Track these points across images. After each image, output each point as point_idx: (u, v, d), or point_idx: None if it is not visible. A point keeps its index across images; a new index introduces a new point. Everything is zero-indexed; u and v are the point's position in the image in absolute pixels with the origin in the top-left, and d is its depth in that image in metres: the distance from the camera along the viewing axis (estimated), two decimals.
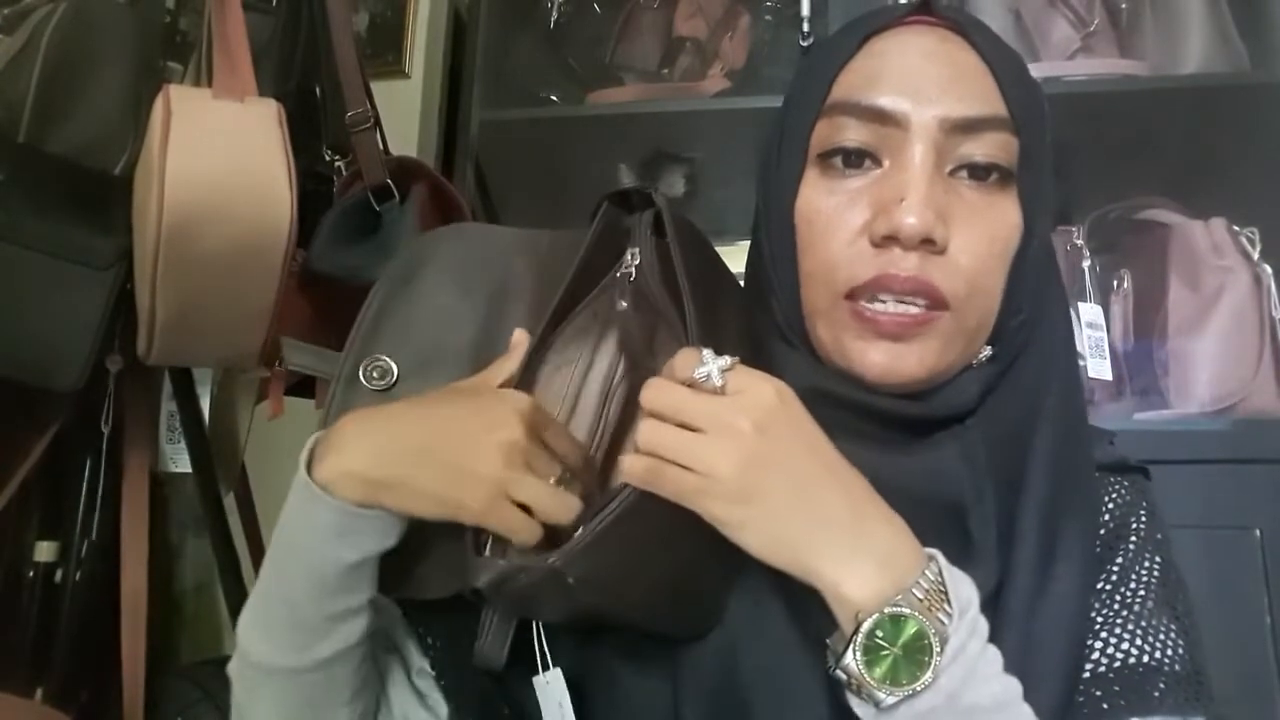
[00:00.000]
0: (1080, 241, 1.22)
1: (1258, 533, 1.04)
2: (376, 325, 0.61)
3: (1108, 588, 0.57)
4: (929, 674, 0.44)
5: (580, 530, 0.48)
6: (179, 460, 1.01)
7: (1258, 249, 1.16)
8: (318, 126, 1.00)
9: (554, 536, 0.52)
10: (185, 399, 1.00)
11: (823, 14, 1.32)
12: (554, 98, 1.46)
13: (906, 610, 0.45)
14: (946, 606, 0.46)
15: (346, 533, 0.52)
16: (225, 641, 1.24)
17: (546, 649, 0.56)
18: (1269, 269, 1.15)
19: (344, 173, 1.00)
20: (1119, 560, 0.58)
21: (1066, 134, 1.29)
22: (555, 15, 1.51)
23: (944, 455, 0.55)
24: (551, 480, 0.52)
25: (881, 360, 0.55)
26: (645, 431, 0.48)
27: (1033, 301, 0.58)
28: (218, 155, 0.79)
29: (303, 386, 1.01)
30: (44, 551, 0.96)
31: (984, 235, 0.55)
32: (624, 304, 0.56)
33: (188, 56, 0.99)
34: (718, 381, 0.48)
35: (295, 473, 0.54)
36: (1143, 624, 0.55)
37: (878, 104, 0.55)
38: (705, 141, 1.42)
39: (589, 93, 1.45)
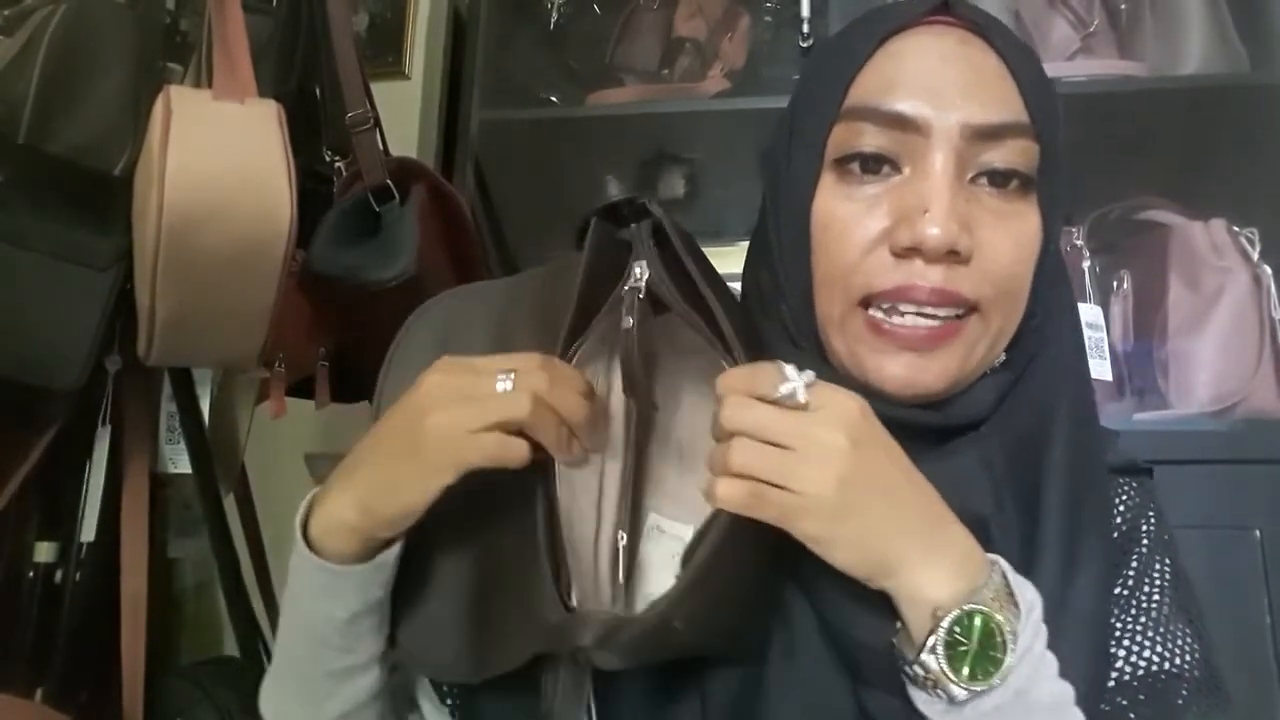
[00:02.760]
0: (1080, 241, 1.22)
1: (1258, 533, 1.04)
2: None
3: (1124, 593, 0.57)
4: (1002, 670, 0.45)
5: (681, 570, 0.47)
6: (179, 460, 1.01)
7: (1257, 249, 1.16)
8: (318, 127, 1.00)
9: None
10: (185, 399, 1.00)
11: (823, 14, 1.32)
12: (554, 98, 1.46)
13: (983, 607, 0.46)
14: (1014, 606, 0.47)
15: (330, 590, 0.52)
16: (225, 641, 1.23)
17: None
18: (1269, 269, 1.15)
19: (344, 173, 1.00)
20: (1133, 564, 0.58)
21: (1066, 134, 1.29)
22: (555, 15, 1.51)
23: (963, 463, 0.55)
24: (500, 381, 0.50)
25: (900, 373, 0.54)
26: (738, 452, 0.46)
27: (1045, 305, 0.58)
28: (218, 156, 0.79)
29: (303, 386, 1.01)
30: (44, 551, 0.96)
31: (1008, 243, 0.54)
32: (630, 320, 0.53)
33: (188, 57, 0.99)
34: (802, 398, 0.47)
35: (294, 472, 0.54)
36: (1161, 630, 0.56)
37: (897, 109, 0.54)
38: (705, 142, 1.42)
39: (589, 93, 1.45)
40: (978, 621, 0.46)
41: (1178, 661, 0.55)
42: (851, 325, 0.55)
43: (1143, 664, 0.55)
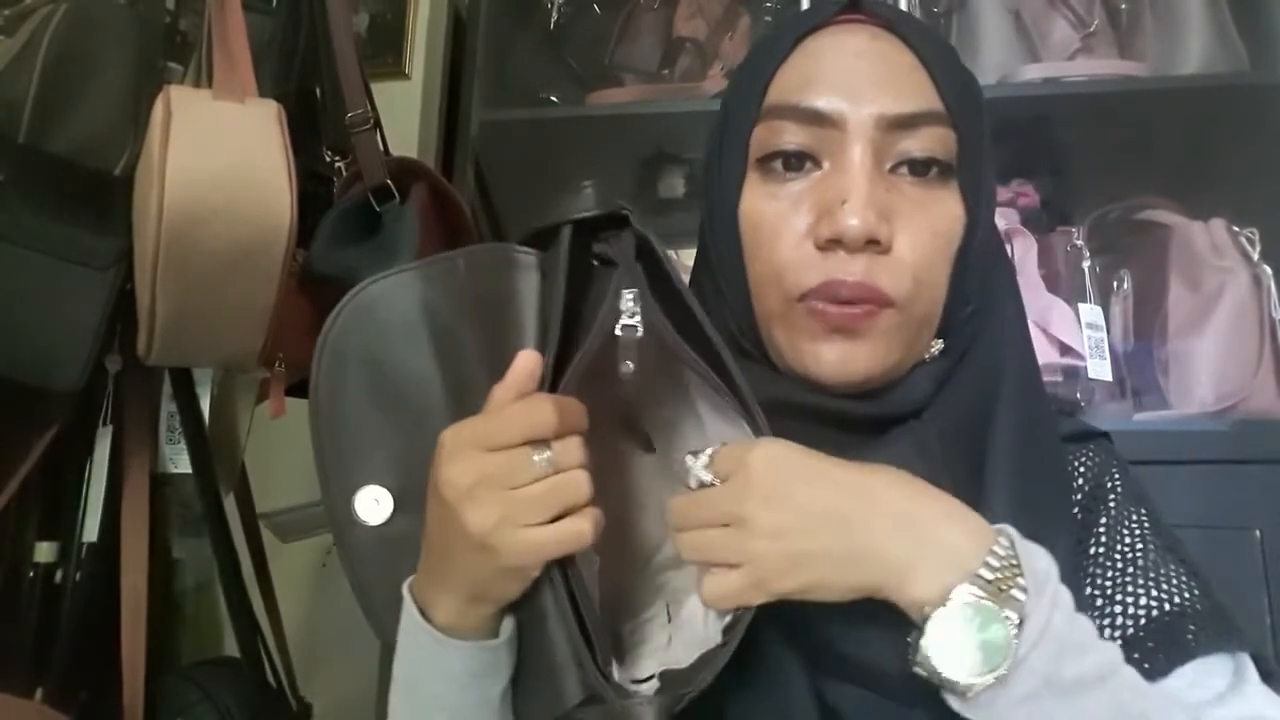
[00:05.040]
0: (1080, 241, 1.22)
1: (1258, 533, 1.04)
2: (338, 455, 0.56)
3: (1101, 550, 0.57)
4: (1009, 659, 0.44)
5: (722, 635, 0.48)
6: (179, 460, 1.01)
7: (1258, 249, 1.16)
8: (318, 127, 1.00)
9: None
10: (185, 399, 1.00)
11: None
12: (554, 98, 1.47)
13: (970, 598, 0.44)
14: (1021, 582, 0.45)
15: (490, 670, 0.51)
16: (225, 641, 1.24)
17: None
18: (1269, 269, 1.15)
19: (344, 173, 1.00)
20: (1103, 520, 0.59)
21: (1066, 134, 1.30)
22: (555, 15, 1.51)
23: (898, 452, 0.55)
24: (536, 459, 0.47)
25: (834, 359, 0.55)
26: (687, 547, 0.49)
27: (981, 292, 0.59)
28: (218, 156, 0.79)
29: (303, 386, 1.01)
30: (44, 551, 0.96)
31: (926, 230, 0.56)
32: (630, 366, 0.50)
33: (188, 57, 0.99)
34: (707, 478, 0.49)
35: (294, 472, 0.53)
36: (1152, 575, 0.55)
37: (814, 106, 0.56)
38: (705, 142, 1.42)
39: (589, 93, 1.45)
40: (968, 613, 0.44)
41: (1177, 600, 0.54)
42: (792, 317, 0.56)
43: (1142, 612, 0.54)
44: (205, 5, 0.89)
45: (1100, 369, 1.15)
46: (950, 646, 0.44)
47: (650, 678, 0.51)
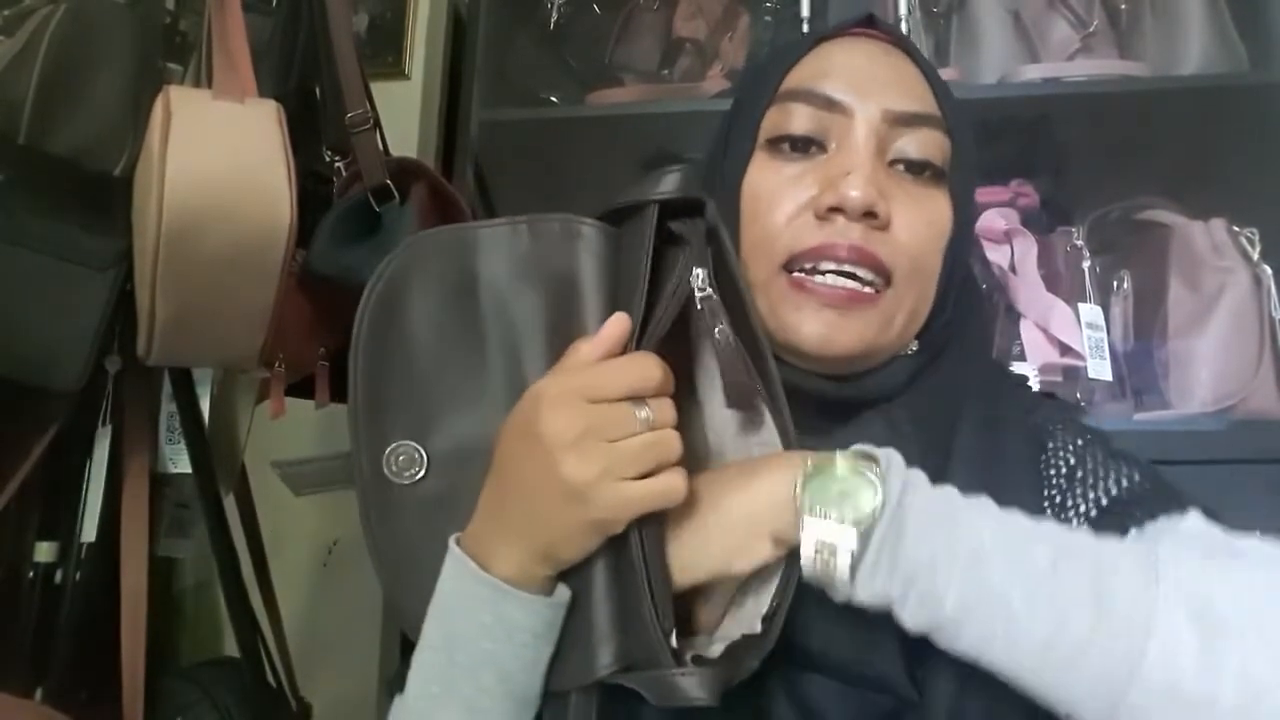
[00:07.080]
0: (1080, 241, 1.22)
1: (1257, 533, 1.04)
2: (375, 407, 0.55)
3: (1051, 475, 0.59)
4: (878, 514, 0.46)
5: (762, 624, 0.49)
6: (179, 460, 1.01)
7: (1258, 249, 1.16)
8: (318, 127, 1.00)
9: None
10: (185, 399, 1.00)
11: (822, 14, 1.32)
12: (554, 98, 1.46)
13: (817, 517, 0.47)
14: (873, 465, 0.48)
15: (549, 631, 0.50)
16: (225, 641, 1.24)
17: None
18: (1269, 269, 1.15)
19: (344, 173, 1.00)
20: (1053, 462, 0.60)
21: (1066, 134, 1.30)
22: (555, 15, 1.51)
23: (871, 430, 0.56)
24: (639, 415, 0.48)
25: (818, 331, 0.57)
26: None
27: (955, 302, 0.62)
28: (218, 156, 0.79)
29: (303, 386, 1.01)
30: (44, 551, 0.96)
31: (922, 219, 0.59)
32: (724, 327, 0.51)
33: (188, 57, 0.99)
34: None
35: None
36: (1100, 473, 0.58)
37: (826, 92, 0.60)
38: (705, 142, 1.42)
39: (589, 93, 1.45)
40: (827, 473, 0.47)
41: (1125, 484, 0.56)
42: (775, 287, 0.58)
43: (1091, 506, 0.56)
44: (205, 5, 0.89)
45: (1100, 369, 1.15)
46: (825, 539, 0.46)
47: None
